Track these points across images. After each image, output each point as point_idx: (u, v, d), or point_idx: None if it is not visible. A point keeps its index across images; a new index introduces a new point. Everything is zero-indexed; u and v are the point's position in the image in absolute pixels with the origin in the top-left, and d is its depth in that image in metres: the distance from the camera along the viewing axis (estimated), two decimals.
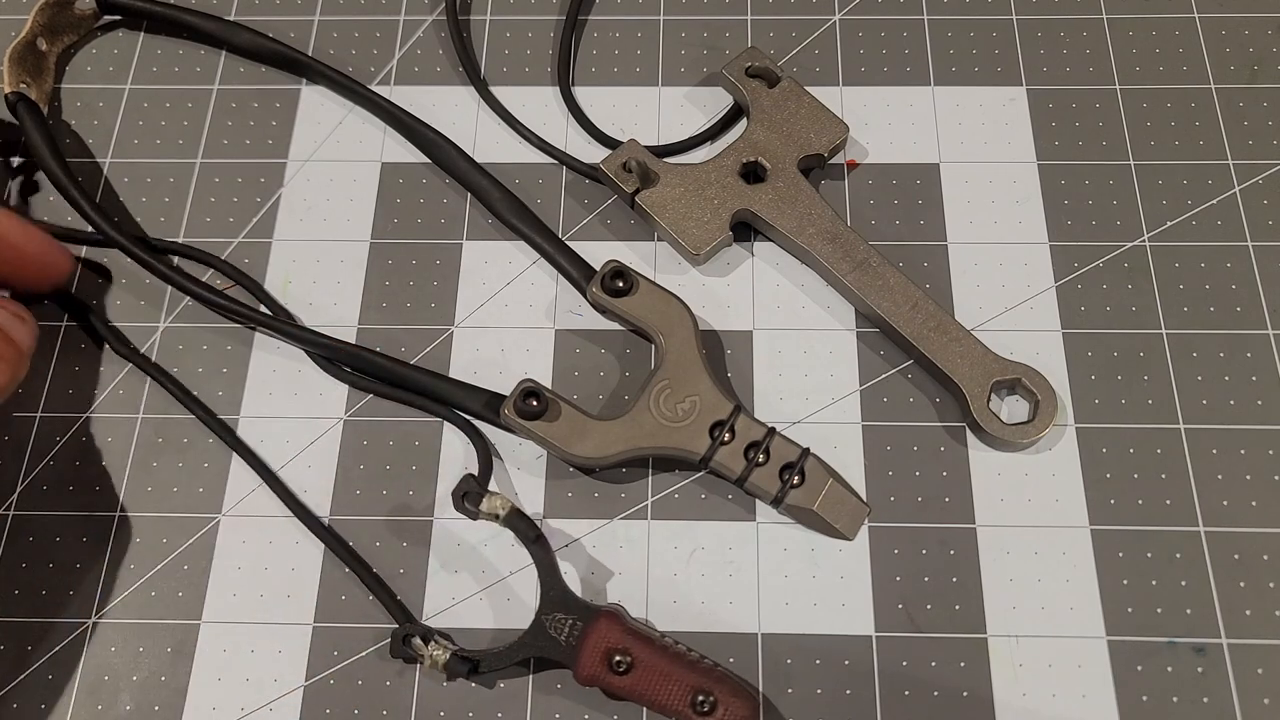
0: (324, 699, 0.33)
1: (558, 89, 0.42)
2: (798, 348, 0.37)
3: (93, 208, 0.38)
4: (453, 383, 0.36)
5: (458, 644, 0.33)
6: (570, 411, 0.34)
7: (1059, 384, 0.36)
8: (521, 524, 0.33)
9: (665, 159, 0.40)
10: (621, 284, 0.36)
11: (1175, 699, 0.32)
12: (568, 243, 0.39)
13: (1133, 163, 0.40)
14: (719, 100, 0.42)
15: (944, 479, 0.35)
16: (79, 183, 0.39)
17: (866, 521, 0.35)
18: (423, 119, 0.41)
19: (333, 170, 0.41)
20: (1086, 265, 0.38)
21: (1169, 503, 0.35)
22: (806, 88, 0.40)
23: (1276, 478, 0.35)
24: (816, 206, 0.38)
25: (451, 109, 0.42)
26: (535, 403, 0.34)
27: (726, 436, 0.34)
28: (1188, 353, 0.37)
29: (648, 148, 0.40)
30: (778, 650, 0.33)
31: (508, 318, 0.38)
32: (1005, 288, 0.38)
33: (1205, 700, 0.32)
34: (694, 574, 0.34)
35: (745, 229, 0.39)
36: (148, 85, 0.43)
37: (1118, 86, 0.41)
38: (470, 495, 0.33)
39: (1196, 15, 0.43)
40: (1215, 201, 0.39)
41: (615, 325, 0.38)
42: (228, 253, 0.40)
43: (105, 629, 0.34)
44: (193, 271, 0.39)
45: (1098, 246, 0.39)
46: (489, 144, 0.41)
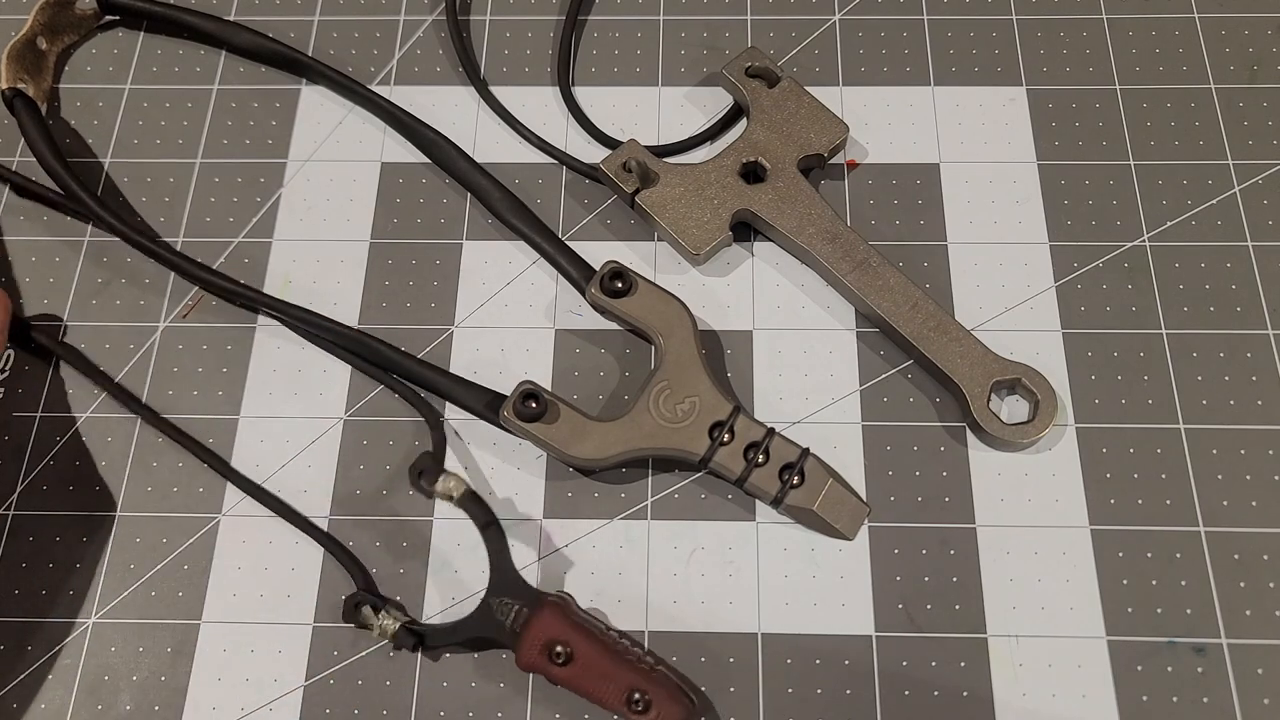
0: (324, 699, 0.33)
1: (558, 89, 0.42)
2: (798, 348, 0.37)
3: (91, 197, 0.38)
4: (454, 380, 0.36)
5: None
6: (569, 413, 0.34)
7: (1059, 384, 0.36)
8: (474, 507, 0.33)
9: (665, 159, 0.40)
10: (620, 285, 0.36)
11: (1175, 699, 0.32)
12: (568, 243, 0.39)
13: (1133, 163, 0.40)
14: (719, 100, 0.42)
15: (944, 479, 0.35)
16: (76, 175, 0.39)
17: (866, 521, 0.35)
18: (423, 119, 0.41)
19: (333, 170, 0.41)
20: (1086, 265, 0.38)
21: (1169, 503, 0.35)
22: (806, 88, 0.40)
23: (1276, 478, 0.35)
24: (816, 206, 0.38)
25: (451, 109, 0.42)
26: (534, 405, 0.34)
27: (726, 437, 0.34)
28: (1188, 353, 0.37)
29: (648, 148, 0.40)
30: (778, 650, 0.33)
31: (508, 318, 0.38)
32: (1005, 288, 0.38)
33: (1205, 700, 0.32)
34: (694, 574, 0.34)
35: (745, 229, 0.39)
36: (148, 85, 0.43)
37: (1118, 86, 0.41)
38: (426, 473, 0.33)
39: (1196, 15, 0.43)
40: (1215, 201, 0.39)
41: (615, 325, 0.38)
42: (228, 253, 0.40)
43: (105, 629, 0.34)
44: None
45: (1098, 246, 0.39)
46: (489, 144, 0.41)
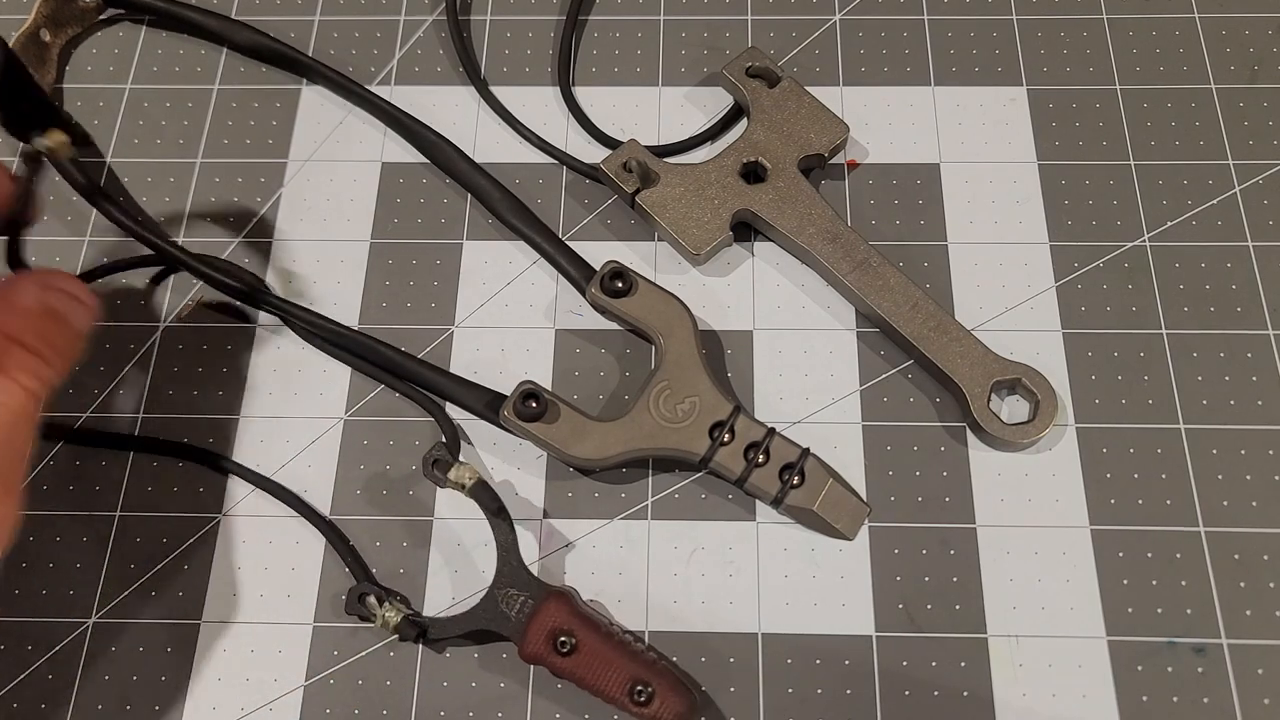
0: (324, 699, 0.33)
1: (558, 89, 0.42)
2: (798, 348, 0.37)
3: (98, 192, 0.38)
4: (455, 380, 0.36)
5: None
6: (570, 413, 0.34)
7: (1059, 384, 0.36)
8: (485, 495, 0.33)
9: (665, 159, 0.40)
10: (621, 285, 0.36)
11: (1175, 699, 0.32)
12: (568, 243, 0.39)
13: (1133, 163, 0.40)
14: (719, 100, 0.42)
15: (944, 479, 0.35)
16: (84, 168, 0.39)
17: (866, 521, 0.35)
18: (422, 120, 0.41)
19: (333, 170, 0.41)
20: (1086, 265, 0.38)
21: (1169, 503, 0.35)
22: (806, 88, 0.40)
23: (1276, 478, 0.35)
24: (817, 206, 0.38)
25: (451, 109, 0.42)
26: (534, 405, 0.34)
27: (726, 437, 0.34)
28: (1188, 353, 0.37)
29: (648, 148, 0.40)
30: (778, 650, 0.33)
31: (508, 318, 0.38)
32: (1005, 288, 0.38)
33: (1205, 700, 0.32)
34: (694, 574, 0.34)
35: (745, 229, 0.39)
36: (148, 85, 0.43)
37: (1118, 86, 0.41)
38: (440, 463, 0.34)
39: (1196, 15, 0.43)
40: (1215, 201, 0.39)
41: (615, 325, 0.38)
42: (227, 253, 0.40)
43: (105, 629, 0.34)
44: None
45: (1098, 246, 0.39)
46: (489, 144, 0.41)
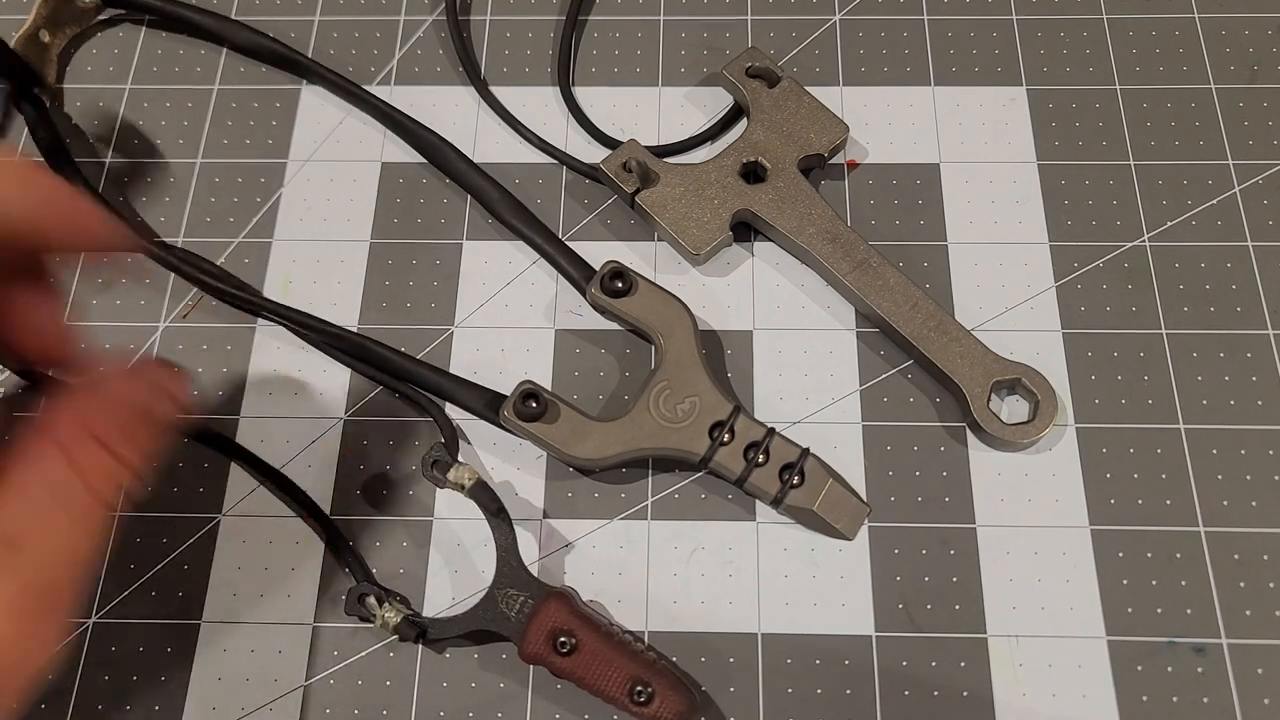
0: (324, 699, 0.33)
1: (558, 89, 0.42)
2: (798, 348, 0.37)
3: (96, 197, 0.38)
4: (455, 380, 0.36)
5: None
6: (569, 413, 0.34)
7: (1059, 384, 0.36)
8: (484, 496, 0.33)
9: (665, 159, 0.40)
10: (620, 284, 0.36)
11: (1175, 699, 0.32)
12: (568, 243, 0.39)
13: (1133, 163, 0.40)
14: (719, 100, 0.42)
15: (944, 479, 0.35)
16: (81, 174, 0.39)
17: (866, 521, 0.35)
18: (422, 120, 0.41)
19: (333, 170, 0.41)
20: (1086, 265, 0.38)
21: (1169, 503, 0.35)
22: (806, 88, 0.40)
23: (1276, 478, 0.35)
24: (816, 206, 0.38)
25: (451, 109, 0.42)
26: (534, 404, 0.34)
27: (726, 437, 0.34)
28: (1188, 353, 0.37)
29: (648, 148, 0.40)
30: (778, 650, 0.33)
31: (508, 318, 0.38)
32: (1005, 288, 0.38)
33: (1205, 700, 0.32)
34: (694, 574, 0.34)
35: (745, 229, 0.39)
36: (148, 85, 0.43)
37: (1118, 86, 0.41)
38: (439, 463, 0.33)
39: (1196, 15, 0.43)
40: (1215, 201, 0.39)
41: (615, 325, 0.38)
42: (228, 253, 0.40)
43: (106, 628, 0.34)
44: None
45: (1098, 246, 0.39)
46: (489, 144, 0.41)
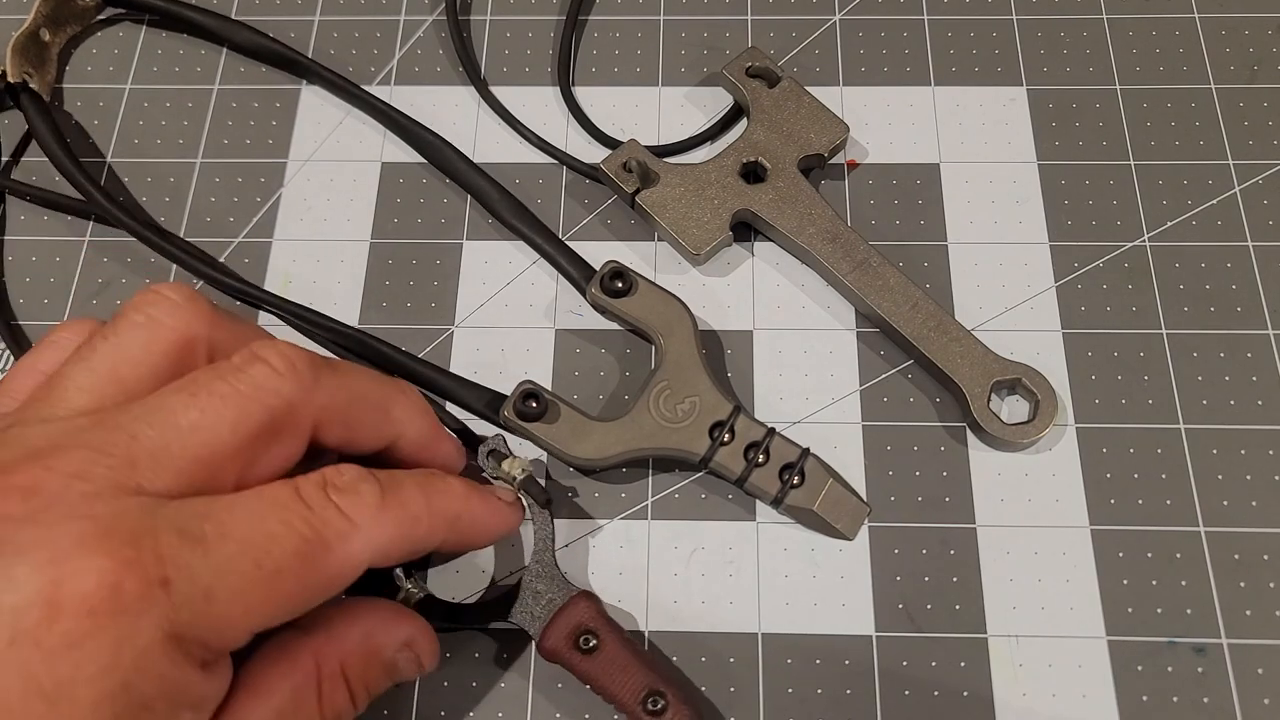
0: None
1: (558, 89, 0.42)
2: (798, 348, 0.37)
3: (99, 191, 0.38)
4: (455, 380, 0.36)
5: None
6: (570, 413, 0.34)
7: (1059, 384, 0.36)
8: (534, 488, 0.33)
9: (665, 159, 0.40)
10: (620, 284, 0.36)
11: (1175, 699, 0.32)
12: (568, 243, 0.39)
13: (1133, 163, 0.40)
14: (719, 100, 0.42)
15: (944, 479, 0.35)
16: (85, 169, 0.39)
17: (866, 521, 0.35)
18: (422, 120, 0.41)
19: (333, 170, 0.41)
20: (1086, 265, 0.38)
21: (1169, 503, 0.35)
22: (806, 88, 0.40)
23: (1276, 478, 0.35)
24: (816, 206, 0.38)
25: (451, 109, 0.42)
26: (534, 404, 0.34)
27: (726, 437, 0.34)
28: (1188, 353, 0.37)
29: (648, 148, 0.40)
30: (778, 650, 0.33)
31: (508, 318, 0.38)
32: (1005, 288, 0.38)
33: (1205, 700, 0.32)
34: (694, 574, 0.34)
35: (745, 229, 0.39)
36: (148, 85, 0.43)
37: (1118, 86, 0.41)
38: (495, 453, 0.34)
39: (1196, 15, 0.43)
40: (1215, 201, 0.39)
41: (615, 325, 0.38)
42: (228, 253, 0.40)
43: None
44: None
45: (1098, 246, 0.39)
46: (489, 144, 0.41)
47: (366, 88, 0.42)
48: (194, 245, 0.39)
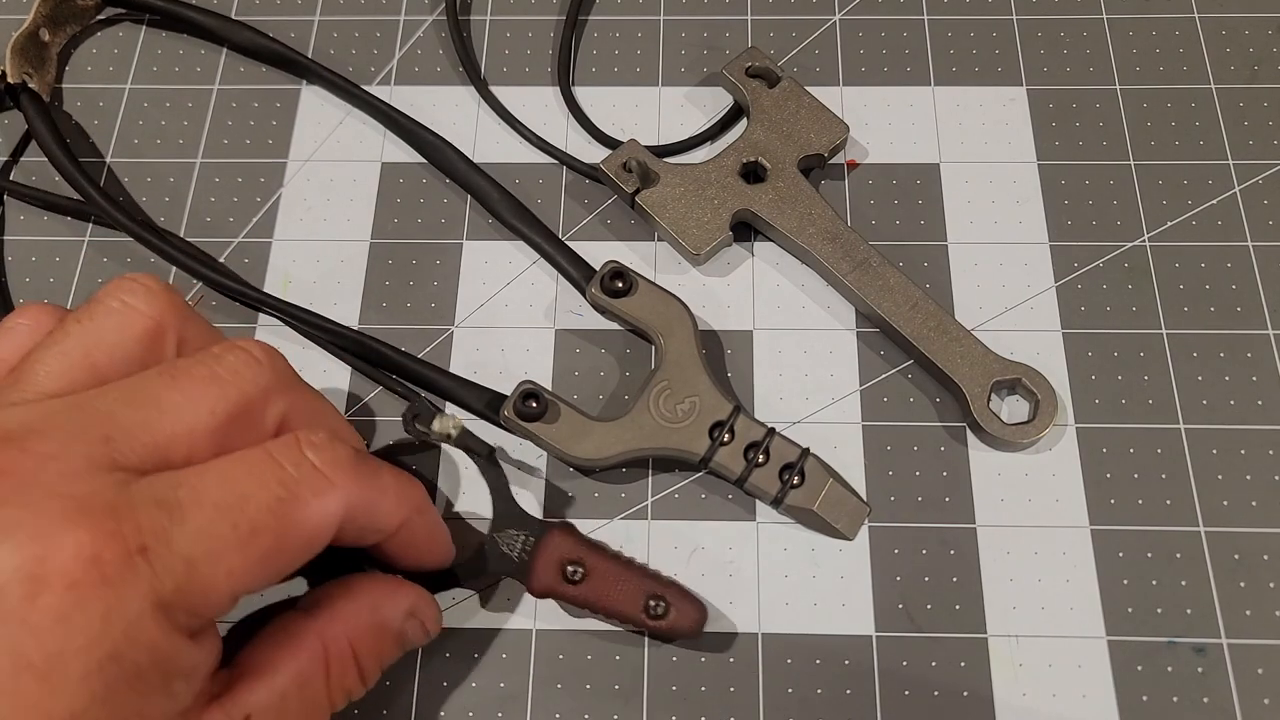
0: None
1: (558, 89, 0.42)
2: (798, 348, 0.37)
3: (98, 192, 0.38)
4: (455, 380, 0.36)
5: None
6: (570, 413, 0.34)
7: (1059, 384, 0.36)
8: (473, 441, 0.33)
9: (665, 159, 0.40)
10: (620, 284, 0.36)
11: (1175, 699, 0.32)
12: (568, 243, 0.39)
13: (1133, 163, 0.40)
14: (719, 100, 0.42)
15: (944, 479, 0.35)
16: (84, 170, 0.39)
17: (866, 521, 0.35)
18: (421, 121, 0.41)
19: (333, 170, 0.41)
20: (1086, 265, 0.38)
21: (1169, 503, 0.35)
22: (806, 88, 0.40)
23: (1276, 478, 0.35)
24: (816, 206, 0.38)
25: (451, 109, 0.42)
26: (534, 404, 0.34)
27: (726, 437, 0.34)
28: (1188, 353, 0.37)
29: (648, 148, 0.40)
30: (778, 650, 0.33)
31: (508, 318, 0.38)
32: (1005, 288, 0.38)
33: (1205, 700, 0.32)
34: (694, 574, 0.34)
35: (745, 229, 0.39)
36: (148, 85, 0.43)
37: (1118, 86, 0.41)
38: (421, 416, 0.33)
39: (1196, 15, 0.43)
40: (1215, 201, 0.39)
41: (615, 325, 0.38)
42: (227, 253, 0.40)
43: None
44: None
45: (1098, 246, 0.39)
46: (489, 144, 0.41)
47: (366, 88, 0.42)
48: (194, 245, 0.39)
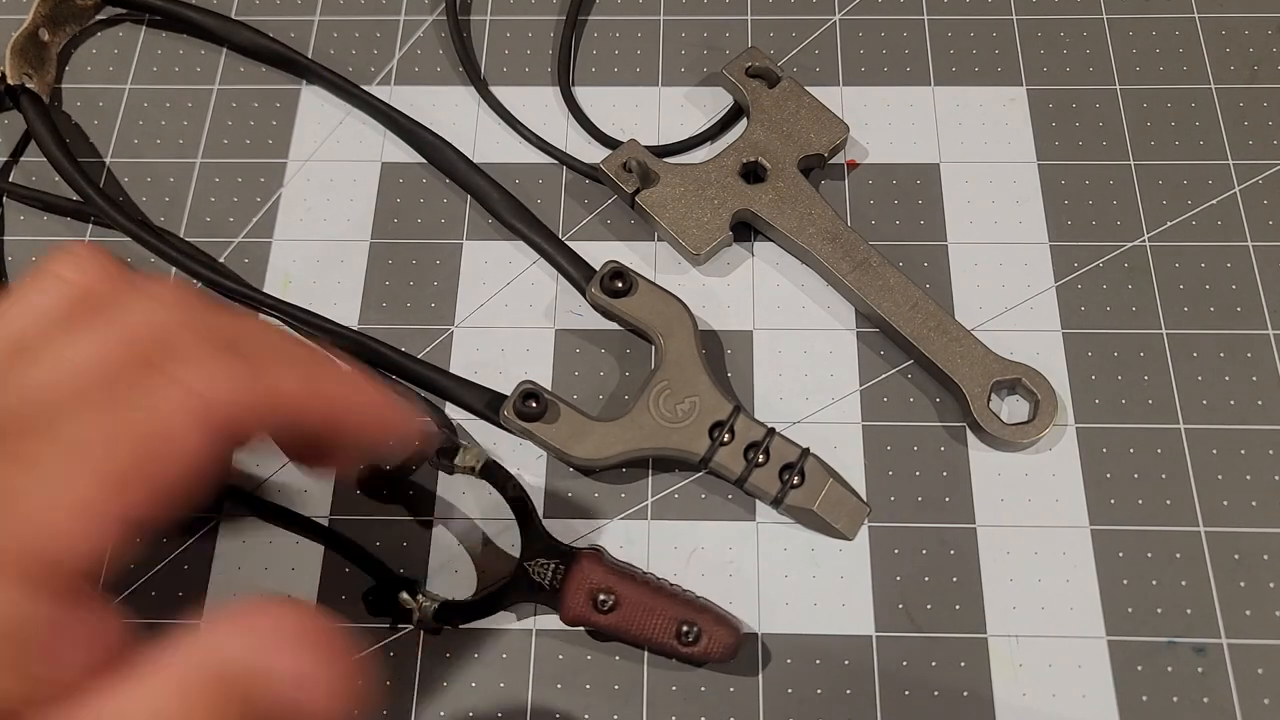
0: None
1: (558, 89, 0.42)
2: (798, 348, 0.37)
3: (97, 192, 0.38)
4: (455, 380, 0.36)
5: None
6: (570, 413, 0.34)
7: (1059, 384, 0.36)
8: (498, 473, 0.33)
9: (665, 159, 0.40)
10: (620, 284, 0.36)
11: (1175, 699, 0.32)
12: (568, 243, 0.39)
13: (1133, 163, 0.40)
14: (719, 100, 0.42)
15: (944, 479, 0.35)
16: (84, 170, 0.39)
17: (866, 521, 0.35)
18: (422, 121, 0.41)
19: (333, 170, 0.41)
20: (1086, 265, 0.38)
21: (1169, 503, 0.35)
22: (806, 88, 0.40)
23: (1276, 478, 0.35)
24: (816, 206, 0.38)
25: (451, 109, 0.42)
26: (534, 404, 0.34)
27: (726, 437, 0.34)
28: (1188, 353, 0.37)
29: (648, 148, 0.40)
30: (778, 650, 0.33)
31: (508, 318, 0.38)
32: (1005, 288, 0.38)
33: (1205, 700, 0.32)
34: (694, 574, 0.34)
35: (745, 229, 0.39)
36: (148, 85, 0.43)
37: (1118, 86, 0.41)
38: (445, 451, 0.33)
39: (1196, 15, 0.43)
40: (1215, 201, 0.39)
41: (615, 325, 0.38)
42: (227, 253, 0.40)
43: None
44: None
45: (1098, 246, 0.39)
46: (489, 144, 0.41)
47: (366, 88, 0.42)
48: (193, 246, 0.39)
